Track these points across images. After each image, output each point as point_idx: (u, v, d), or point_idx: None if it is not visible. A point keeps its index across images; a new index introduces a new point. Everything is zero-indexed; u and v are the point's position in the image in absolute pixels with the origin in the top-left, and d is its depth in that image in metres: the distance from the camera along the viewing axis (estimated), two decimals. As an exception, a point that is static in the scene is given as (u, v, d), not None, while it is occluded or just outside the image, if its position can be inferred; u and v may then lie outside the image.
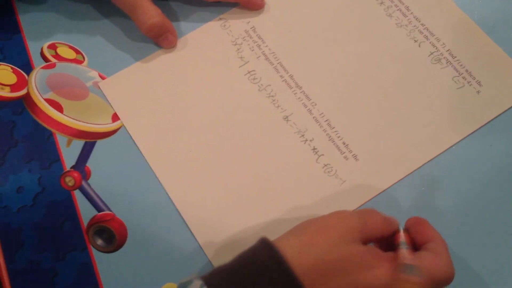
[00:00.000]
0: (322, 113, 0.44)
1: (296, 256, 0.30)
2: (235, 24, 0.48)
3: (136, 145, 0.44)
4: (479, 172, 0.41)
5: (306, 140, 0.43)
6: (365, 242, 0.32)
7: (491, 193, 0.40)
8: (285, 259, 0.29)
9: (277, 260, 0.29)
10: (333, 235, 0.31)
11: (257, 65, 0.46)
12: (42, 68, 0.48)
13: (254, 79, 0.45)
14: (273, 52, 0.47)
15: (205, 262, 0.40)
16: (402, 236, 0.34)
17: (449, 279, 0.31)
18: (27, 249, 0.42)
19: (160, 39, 0.47)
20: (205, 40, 0.48)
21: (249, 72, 0.46)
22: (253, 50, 0.47)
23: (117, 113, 0.45)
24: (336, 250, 0.30)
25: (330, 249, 0.30)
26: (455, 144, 0.42)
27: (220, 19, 0.49)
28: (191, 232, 0.41)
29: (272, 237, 0.33)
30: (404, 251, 0.31)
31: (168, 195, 0.42)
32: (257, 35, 0.48)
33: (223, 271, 0.31)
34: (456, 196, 0.40)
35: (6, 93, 0.47)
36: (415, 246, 0.34)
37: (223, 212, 0.41)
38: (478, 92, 0.43)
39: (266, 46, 0.47)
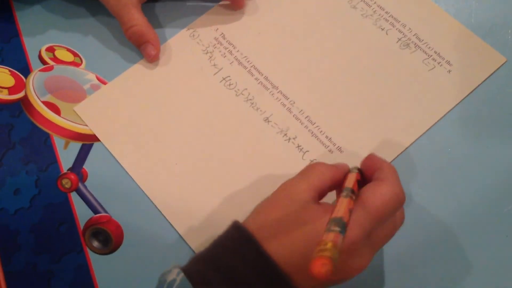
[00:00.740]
0: (302, 110, 0.44)
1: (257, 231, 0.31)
2: (204, 33, 0.48)
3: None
4: (466, 168, 0.41)
5: (290, 138, 0.43)
6: (321, 195, 0.34)
7: (483, 187, 0.40)
8: (253, 235, 0.31)
9: (246, 238, 0.31)
10: (284, 205, 0.32)
11: (231, 71, 0.46)
12: (40, 70, 0.48)
13: (230, 85, 0.46)
14: (245, 56, 0.47)
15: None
16: (349, 179, 0.33)
17: (393, 202, 0.31)
18: (24, 251, 0.42)
19: (141, 49, 0.47)
20: (177, 52, 0.48)
21: (224, 79, 0.46)
22: (225, 57, 0.47)
23: (96, 134, 0.45)
24: (289, 214, 0.32)
25: (284, 217, 0.32)
26: (432, 126, 0.43)
27: (188, 29, 0.49)
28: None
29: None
30: (341, 200, 0.31)
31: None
32: (227, 41, 0.48)
33: (200, 259, 0.32)
34: (440, 194, 0.40)
35: (4, 95, 0.47)
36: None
37: (214, 219, 0.41)
38: (449, 71, 0.44)
39: (238, 51, 0.47)
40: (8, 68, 0.48)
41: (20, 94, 0.47)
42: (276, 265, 0.30)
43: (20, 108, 0.46)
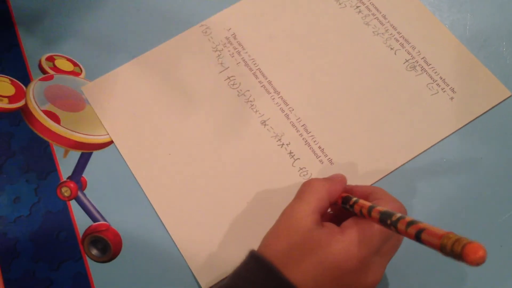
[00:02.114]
0: (299, 118, 0.45)
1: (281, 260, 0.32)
2: (216, 31, 0.49)
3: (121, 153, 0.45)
4: (460, 177, 0.42)
5: (283, 144, 0.44)
6: (322, 213, 0.34)
7: (478, 197, 0.41)
8: (272, 263, 0.31)
9: (266, 268, 0.31)
10: (289, 235, 0.32)
11: (237, 71, 0.47)
12: (40, 80, 0.49)
13: (233, 84, 0.47)
14: (253, 59, 0.48)
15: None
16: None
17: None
18: (23, 258, 0.42)
19: None
20: (187, 46, 0.49)
21: (228, 78, 0.47)
22: (233, 57, 0.48)
23: (99, 117, 0.46)
24: (297, 243, 0.32)
25: (293, 247, 0.32)
26: (428, 149, 0.43)
27: (202, 25, 0.50)
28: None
29: (250, 240, 0.34)
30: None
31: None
32: (237, 41, 0.49)
33: None
34: (437, 202, 0.41)
35: (4, 104, 0.47)
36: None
37: (204, 221, 0.42)
38: (451, 98, 0.44)
39: (246, 52, 0.48)
40: (8, 77, 0.49)
41: (20, 103, 0.47)
42: None
43: (20, 117, 0.47)
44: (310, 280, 0.31)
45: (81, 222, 0.43)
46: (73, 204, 0.44)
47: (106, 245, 0.42)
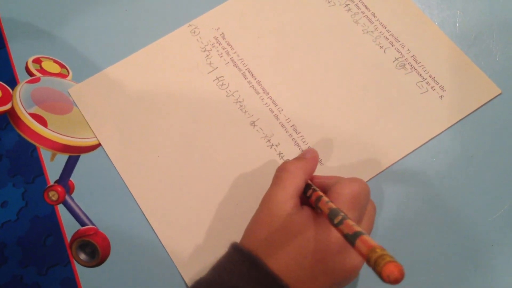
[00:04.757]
0: (288, 119, 0.44)
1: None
2: (205, 31, 0.49)
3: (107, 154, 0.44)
4: (450, 175, 0.41)
5: (272, 145, 0.43)
6: (300, 195, 0.34)
7: (469, 196, 0.41)
8: (253, 253, 0.31)
9: (248, 259, 0.31)
10: (269, 222, 0.33)
11: (226, 71, 0.47)
12: (27, 82, 0.48)
13: (222, 85, 0.46)
14: (241, 58, 0.47)
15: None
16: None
17: (363, 191, 0.33)
18: (11, 263, 0.42)
19: None
20: (175, 46, 0.48)
21: (217, 78, 0.47)
22: (221, 57, 0.48)
23: (87, 120, 0.46)
24: (277, 230, 0.32)
25: (273, 234, 0.32)
26: (418, 148, 0.43)
27: (190, 25, 0.49)
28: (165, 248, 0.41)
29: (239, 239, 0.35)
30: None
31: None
32: (226, 41, 0.48)
33: (203, 284, 0.32)
34: (427, 201, 0.41)
35: (-10, 107, 0.47)
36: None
37: (194, 223, 0.41)
38: (441, 97, 0.44)
39: (235, 52, 0.48)
40: (-6, 80, 0.48)
41: (7, 106, 0.47)
42: (281, 280, 0.30)
43: (6, 120, 0.46)
44: (294, 264, 0.31)
45: (69, 226, 0.42)
46: (60, 208, 0.43)
47: (95, 249, 0.41)
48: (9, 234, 0.43)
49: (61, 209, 0.43)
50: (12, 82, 0.48)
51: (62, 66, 0.49)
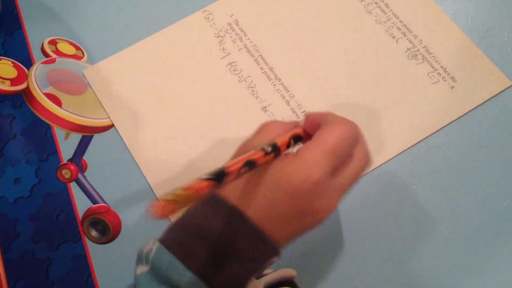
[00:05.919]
0: (300, 105, 0.45)
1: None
2: (219, 17, 0.49)
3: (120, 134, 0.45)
4: (459, 165, 0.42)
5: None
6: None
7: (477, 185, 0.41)
8: (221, 195, 0.31)
9: (215, 199, 0.31)
10: None
11: (239, 57, 0.47)
12: (42, 63, 0.49)
13: (235, 70, 0.47)
14: (254, 45, 0.48)
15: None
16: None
17: (346, 135, 0.32)
18: (23, 239, 0.42)
19: None
20: (189, 31, 0.49)
21: (230, 64, 0.47)
22: (235, 43, 0.48)
23: (100, 101, 0.46)
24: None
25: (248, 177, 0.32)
26: (428, 137, 0.43)
27: (204, 11, 0.50)
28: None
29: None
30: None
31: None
32: (239, 28, 0.49)
33: (172, 227, 0.32)
34: (436, 189, 0.41)
35: (6, 86, 0.47)
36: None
37: None
38: (452, 87, 0.45)
39: (248, 38, 0.48)
40: (11, 59, 0.49)
41: (22, 86, 0.48)
42: (243, 213, 0.30)
43: (21, 99, 0.47)
44: (269, 203, 0.31)
45: (81, 204, 0.43)
46: (73, 186, 0.44)
47: (106, 227, 0.42)
48: (21, 210, 0.43)
49: (73, 187, 0.44)
50: (28, 63, 0.49)
51: (77, 48, 0.49)
